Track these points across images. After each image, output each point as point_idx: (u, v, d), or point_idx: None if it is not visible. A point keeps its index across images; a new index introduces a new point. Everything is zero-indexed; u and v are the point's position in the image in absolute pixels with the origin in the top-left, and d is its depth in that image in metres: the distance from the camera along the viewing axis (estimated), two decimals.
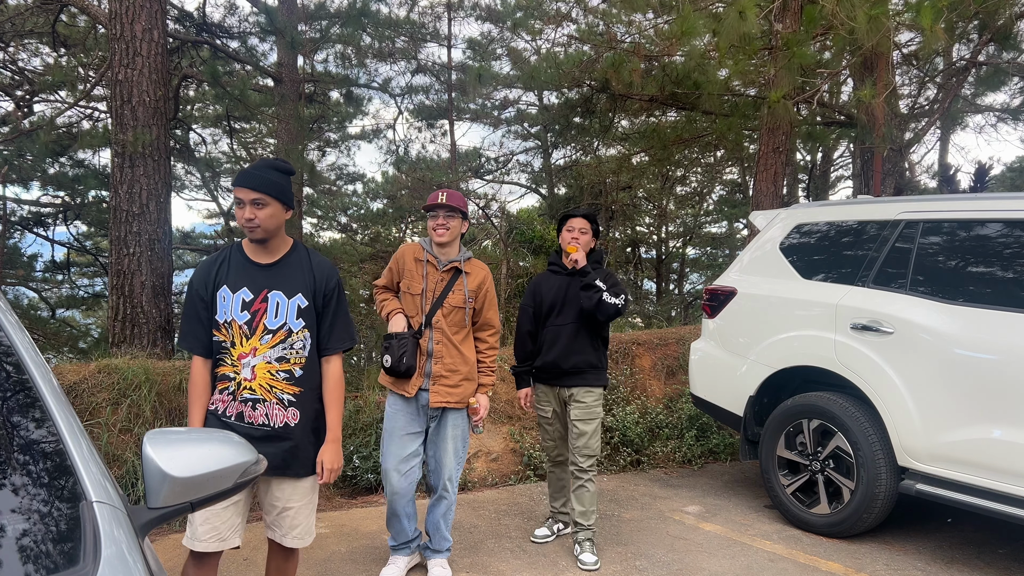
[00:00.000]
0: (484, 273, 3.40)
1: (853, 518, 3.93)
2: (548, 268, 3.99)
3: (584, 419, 3.74)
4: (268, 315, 2.40)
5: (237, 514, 2.40)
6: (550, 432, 3.96)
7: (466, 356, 3.35)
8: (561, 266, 3.92)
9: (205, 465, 1.33)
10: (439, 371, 3.28)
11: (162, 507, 1.29)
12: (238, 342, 2.39)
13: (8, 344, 1.47)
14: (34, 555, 1.01)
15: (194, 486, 1.30)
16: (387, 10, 12.23)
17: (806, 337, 4.26)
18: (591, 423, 3.74)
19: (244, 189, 2.34)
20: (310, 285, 2.47)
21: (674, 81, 8.55)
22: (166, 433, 1.38)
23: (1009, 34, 7.32)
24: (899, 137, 8.23)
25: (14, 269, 12.80)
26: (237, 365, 2.40)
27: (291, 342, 2.43)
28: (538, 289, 3.92)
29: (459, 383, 3.31)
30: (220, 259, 2.48)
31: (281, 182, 2.39)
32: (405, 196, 12.07)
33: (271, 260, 2.46)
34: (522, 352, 3.95)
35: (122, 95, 6.09)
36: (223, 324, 2.41)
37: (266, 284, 2.42)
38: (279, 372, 2.42)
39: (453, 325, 3.32)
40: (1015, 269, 3.54)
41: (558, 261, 3.95)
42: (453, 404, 3.30)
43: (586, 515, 3.75)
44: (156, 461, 1.28)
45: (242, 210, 2.37)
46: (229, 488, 1.37)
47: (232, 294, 2.40)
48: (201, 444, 1.38)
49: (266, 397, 2.41)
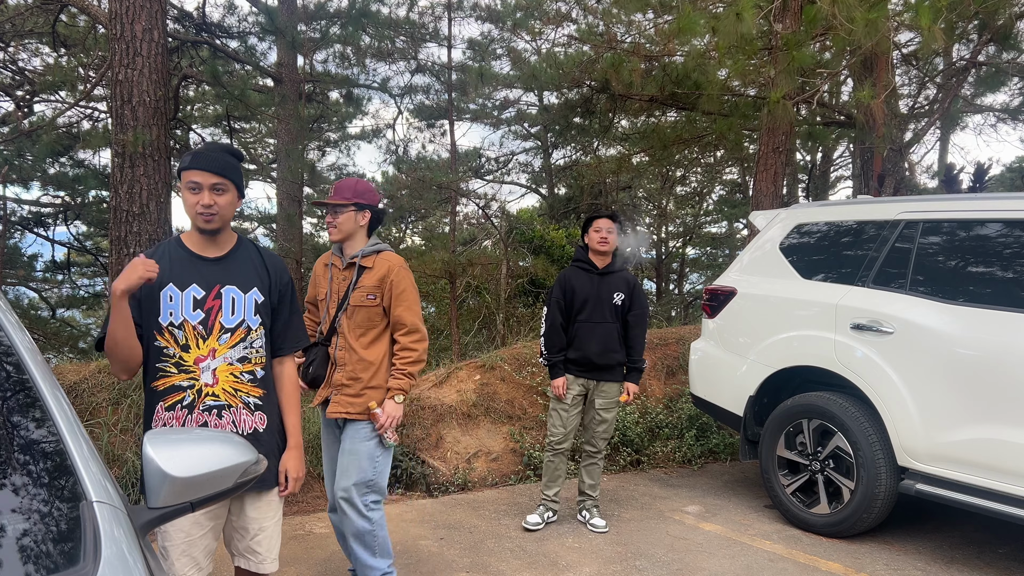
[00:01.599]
0: (389, 265, 2.95)
1: (853, 518, 3.93)
2: (575, 264, 4.22)
3: (608, 407, 4.17)
4: (224, 312, 2.19)
5: (213, 539, 2.23)
6: (564, 419, 4.15)
7: (370, 362, 2.93)
8: (590, 264, 4.16)
9: (205, 465, 1.33)
10: (339, 379, 2.95)
11: (162, 507, 1.29)
12: (193, 344, 2.15)
13: (8, 344, 1.47)
14: (34, 555, 1.01)
15: (194, 486, 1.30)
16: (387, 10, 12.23)
17: (806, 337, 4.26)
18: (612, 411, 4.20)
19: (203, 172, 2.10)
20: (265, 280, 2.27)
21: (674, 81, 8.55)
22: (166, 433, 1.38)
23: (1009, 34, 7.32)
24: (899, 137, 8.23)
25: (14, 269, 12.80)
26: (194, 371, 2.16)
27: (251, 340, 2.23)
28: (568, 285, 4.15)
29: (361, 392, 2.91)
30: (156, 255, 2.19)
31: (239, 167, 2.20)
32: (405, 196, 12.05)
33: (219, 253, 2.23)
34: (556, 344, 4.14)
35: (122, 95, 6.09)
36: (168, 327, 2.14)
37: (217, 279, 2.20)
38: (243, 374, 2.22)
39: (357, 328, 2.95)
40: (1015, 269, 3.55)
41: (586, 258, 4.18)
42: (354, 415, 2.92)
43: (595, 487, 4.28)
44: (156, 461, 1.28)
45: (197, 195, 2.11)
46: (230, 488, 1.37)
47: (180, 292, 2.16)
48: (201, 444, 1.38)
49: (231, 402, 2.20)
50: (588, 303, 4.09)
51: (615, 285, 4.14)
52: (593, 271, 4.14)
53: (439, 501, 4.71)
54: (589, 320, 4.09)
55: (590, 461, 4.26)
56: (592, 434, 4.22)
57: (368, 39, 11.92)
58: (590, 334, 4.08)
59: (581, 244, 4.27)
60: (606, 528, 4.17)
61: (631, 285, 4.18)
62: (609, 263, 4.18)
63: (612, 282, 4.15)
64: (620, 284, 4.15)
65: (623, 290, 4.14)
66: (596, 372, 4.11)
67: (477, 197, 13.80)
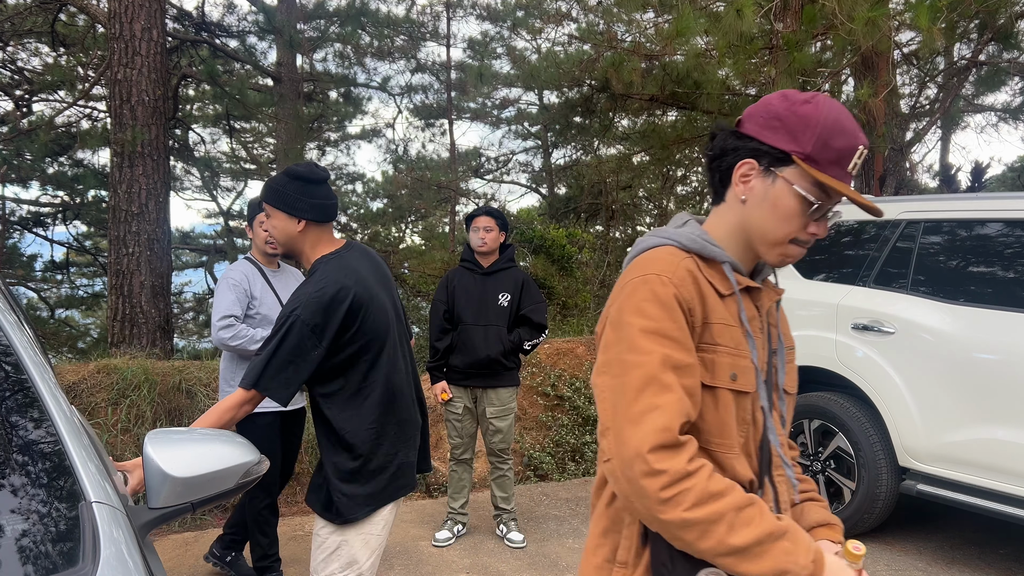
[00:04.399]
0: None
1: (854, 518, 3.93)
2: (461, 264, 3.97)
3: (500, 415, 3.86)
4: None
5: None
6: (459, 428, 3.93)
7: None
8: (475, 263, 3.91)
9: (206, 465, 1.31)
10: None
11: (163, 507, 1.28)
12: None
13: (7, 344, 1.46)
14: (33, 555, 1.00)
15: (195, 486, 1.29)
16: (386, 9, 12.23)
17: (807, 337, 4.25)
18: (506, 419, 3.88)
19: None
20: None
21: (674, 80, 8.54)
22: (168, 433, 1.36)
23: (1009, 34, 7.32)
24: (900, 137, 8.22)
25: (13, 269, 12.78)
26: None
27: None
28: (451, 286, 3.90)
29: None
30: None
31: (281, 187, 2.09)
32: (405, 196, 12.06)
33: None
34: (434, 349, 3.90)
35: (121, 94, 6.08)
36: None
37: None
38: None
39: None
40: (1016, 269, 3.54)
41: (471, 258, 3.93)
42: None
43: (507, 499, 4.00)
44: (156, 461, 1.27)
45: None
46: (231, 488, 1.36)
47: None
48: (202, 444, 1.36)
49: None
50: (471, 306, 3.82)
51: (502, 285, 3.87)
52: (478, 271, 3.89)
53: (439, 501, 4.70)
54: (470, 324, 3.80)
55: (497, 473, 3.99)
56: (489, 445, 3.95)
57: (367, 38, 11.92)
58: (474, 337, 3.79)
59: (467, 243, 4.01)
60: (524, 543, 3.91)
61: (519, 283, 3.88)
62: (495, 261, 3.90)
63: (498, 282, 3.87)
64: (507, 284, 3.87)
65: (509, 290, 3.86)
66: (482, 379, 3.84)
67: (477, 197, 13.79)
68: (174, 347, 6.49)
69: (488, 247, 3.84)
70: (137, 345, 5.96)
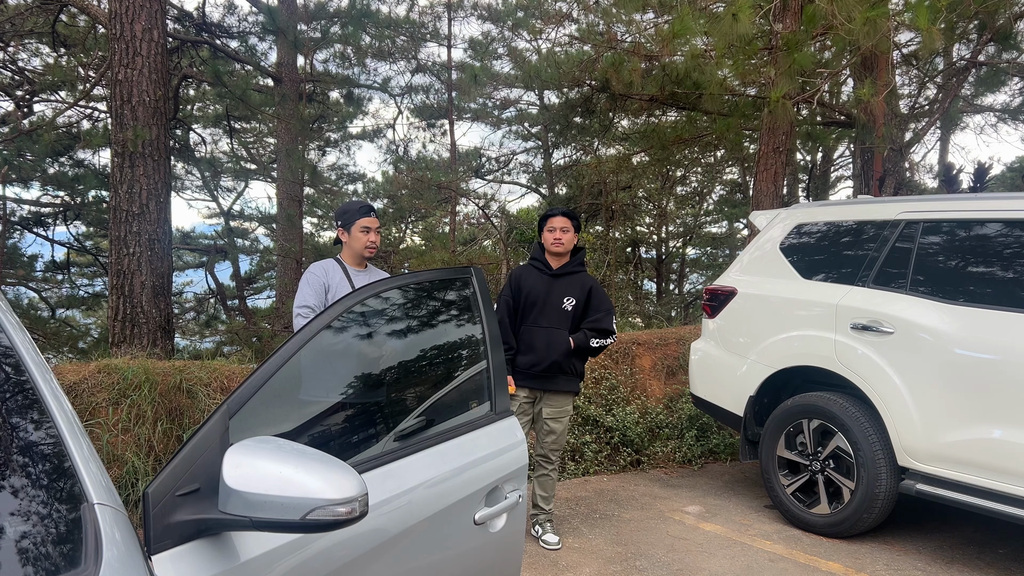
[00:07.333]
0: None
1: (853, 518, 3.93)
2: (531, 262, 3.95)
3: (556, 417, 3.87)
4: None
5: None
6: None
7: None
8: (544, 264, 3.88)
9: (265, 486, 1.23)
10: None
11: (222, 513, 1.27)
12: None
13: (8, 344, 1.47)
14: (34, 557, 1.01)
15: (251, 505, 1.23)
16: (387, 9, 12.25)
17: (806, 337, 4.26)
18: (561, 421, 3.89)
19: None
20: None
21: (674, 81, 8.55)
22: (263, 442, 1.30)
23: (1009, 34, 7.33)
24: (899, 137, 8.23)
25: (14, 269, 12.79)
26: None
27: None
28: (518, 283, 3.87)
29: None
30: None
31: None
32: (405, 196, 12.07)
33: None
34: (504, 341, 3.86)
35: (122, 95, 6.09)
36: None
37: None
38: None
39: None
40: (1015, 269, 3.54)
41: (542, 257, 3.90)
42: None
43: (547, 500, 3.99)
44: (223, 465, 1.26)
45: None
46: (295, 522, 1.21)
47: None
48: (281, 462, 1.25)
49: None
50: (536, 305, 3.79)
51: (568, 288, 3.84)
52: (547, 272, 3.85)
53: None
54: (534, 325, 3.78)
55: (542, 472, 3.97)
56: (541, 445, 3.93)
57: (368, 39, 11.93)
58: (535, 339, 3.77)
59: (538, 242, 3.99)
60: (559, 545, 3.88)
61: (586, 288, 3.85)
62: (565, 263, 3.89)
63: (565, 285, 3.84)
64: (574, 288, 3.84)
65: (575, 294, 3.83)
66: (541, 381, 3.81)
67: (477, 197, 13.80)
68: (175, 347, 6.50)
69: (564, 248, 3.81)
70: (138, 345, 5.97)
